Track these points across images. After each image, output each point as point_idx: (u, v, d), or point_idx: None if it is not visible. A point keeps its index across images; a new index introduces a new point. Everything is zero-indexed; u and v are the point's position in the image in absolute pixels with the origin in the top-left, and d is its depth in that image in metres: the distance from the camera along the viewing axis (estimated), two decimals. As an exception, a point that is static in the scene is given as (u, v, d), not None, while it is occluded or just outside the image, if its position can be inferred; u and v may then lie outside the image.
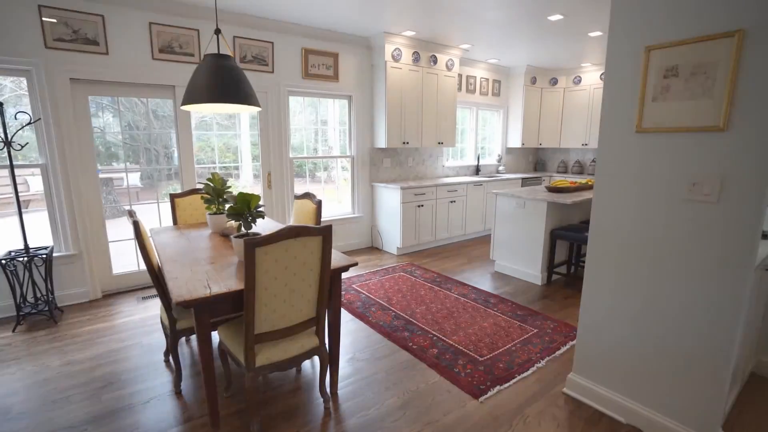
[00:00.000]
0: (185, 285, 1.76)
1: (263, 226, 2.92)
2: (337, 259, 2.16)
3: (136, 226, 2.03)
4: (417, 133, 5.32)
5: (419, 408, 2.16)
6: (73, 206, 3.41)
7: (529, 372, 2.51)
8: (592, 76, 6.57)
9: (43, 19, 3.08)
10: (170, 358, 2.55)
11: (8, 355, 2.66)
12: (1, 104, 2.94)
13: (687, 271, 1.73)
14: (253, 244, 1.59)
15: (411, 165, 5.76)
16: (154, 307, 3.44)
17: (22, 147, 3.11)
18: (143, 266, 3.88)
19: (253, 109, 2.50)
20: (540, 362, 2.62)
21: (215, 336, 2.71)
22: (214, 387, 1.86)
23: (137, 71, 3.53)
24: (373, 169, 5.35)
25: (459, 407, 2.17)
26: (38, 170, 3.32)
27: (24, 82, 3.18)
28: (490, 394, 2.28)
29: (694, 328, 1.74)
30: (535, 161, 7.89)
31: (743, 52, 1.49)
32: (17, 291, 3.06)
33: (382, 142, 5.09)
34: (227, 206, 2.22)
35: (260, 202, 2.12)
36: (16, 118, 3.10)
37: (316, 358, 2.60)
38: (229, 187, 2.72)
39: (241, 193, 1.98)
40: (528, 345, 2.84)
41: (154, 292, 3.78)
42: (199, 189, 3.18)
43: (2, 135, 2.95)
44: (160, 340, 2.87)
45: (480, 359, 2.64)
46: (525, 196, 4.05)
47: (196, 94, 2.18)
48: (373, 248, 5.45)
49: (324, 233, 1.82)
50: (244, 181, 4.76)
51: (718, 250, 1.63)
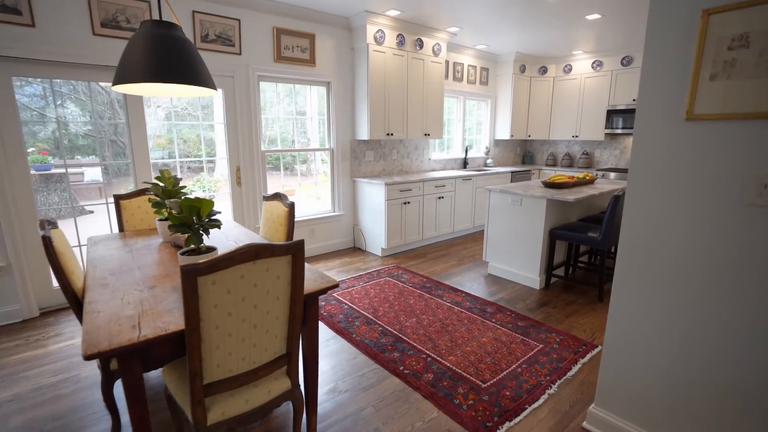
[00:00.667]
0: (106, 325, 1.31)
1: (228, 235, 2.47)
2: (312, 279, 1.74)
3: (47, 243, 1.55)
4: (402, 123, 4.90)
5: (416, 456, 1.78)
6: (-2, 210, 2.87)
7: (541, 401, 2.16)
8: (583, 65, 6.28)
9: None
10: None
11: None
12: None
13: (749, 290, 1.39)
14: (193, 271, 1.16)
15: (395, 158, 5.35)
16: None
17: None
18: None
19: (205, 92, 2.04)
20: (551, 387, 2.28)
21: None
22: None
23: (75, 49, 2.98)
24: (354, 162, 4.91)
25: (464, 453, 1.80)
26: (-48, 167, 2.76)
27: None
28: (498, 433, 1.92)
29: (761, 362, 1.40)
30: (523, 154, 7.60)
31: None
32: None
33: (364, 134, 4.65)
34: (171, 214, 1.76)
35: (214, 209, 1.67)
36: None
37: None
38: (183, 187, 2.25)
39: (186, 199, 1.53)
40: (534, 365, 2.49)
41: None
42: (148, 189, 2.69)
43: None
44: (102, 370, 2.40)
45: (483, 386, 2.27)
46: (522, 193, 3.70)
47: (129, 70, 1.70)
48: (356, 249, 5.03)
49: (293, 251, 1.40)
50: (219, 176, 4.26)
51: (796, 268, 1.29)
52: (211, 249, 1.72)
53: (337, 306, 3.32)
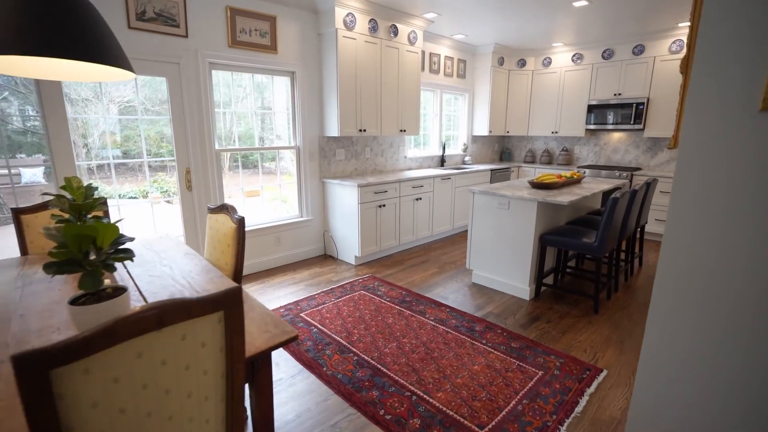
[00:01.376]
0: None
1: (169, 261, 1.97)
2: (263, 328, 1.29)
3: None
4: (375, 118, 4.47)
5: None
6: None
7: (551, 452, 1.80)
8: (563, 58, 6.03)
9: None
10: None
11: None
12: None
13: None
14: (38, 362, 0.69)
15: (369, 157, 4.92)
16: None
17: None
18: None
19: (114, 75, 1.54)
20: (560, 429, 1.93)
21: None
22: None
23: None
24: (323, 162, 4.44)
25: None
26: None
27: None
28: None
29: None
30: (500, 150, 7.33)
31: None
32: None
33: (333, 130, 4.19)
34: (51, 249, 1.27)
35: (121, 235, 1.20)
36: None
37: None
38: (98, 200, 1.73)
39: (68, 226, 1.05)
40: (537, 399, 2.14)
41: None
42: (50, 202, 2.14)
43: None
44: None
45: (480, 433, 1.90)
46: (510, 195, 3.36)
47: (-7, 40, 1.19)
48: (327, 257, 4.58)
49: (226, 305, 0.95)
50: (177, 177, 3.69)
51: None
52: (120, 291, 1.24)
53: (305, 330, 2.87)
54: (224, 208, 1.92)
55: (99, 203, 1.63)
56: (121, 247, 1.21)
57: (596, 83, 5.74)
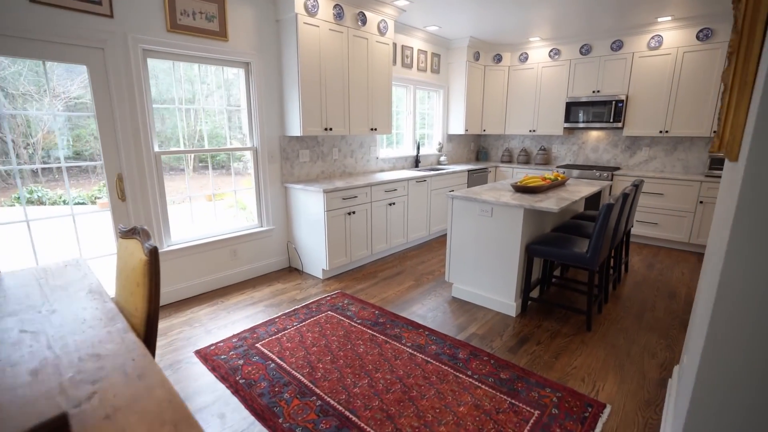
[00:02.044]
0: None
1: (60, 305, 1.48)
2: None
3: None
4: (343, 116, 4.04)
5: None
6: None
7: None
8: (539, 53, 5.78)
9: None
10: None
11: None
12: None
13: None
14: None
15: (336, 158, 4.48)
16: None
17: None
18: None
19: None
20: (567, 496, 1.58)
21: None
22: None
23: None
24: (286, 165, 3.98)
25: None
26: None
27: None
28: None
29: None
30: (477, 150, 7.04)
31: None
32: None
33: (296, 129, 3.73)
34: None
35: None
36: None
37: None
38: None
39: None
40: (536, 452, 1.78)
41: None
42: None
43: None
44: None
45: (472, 508, 1.52)
46: (493, 201, 3.01)
47: None
48: (292, 270, 4.12)
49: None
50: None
51: None
52: None
53: (261, 366, 2.42)
54: (134, 232, 1.45)
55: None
56: None
57: (574, 80, 5.51)
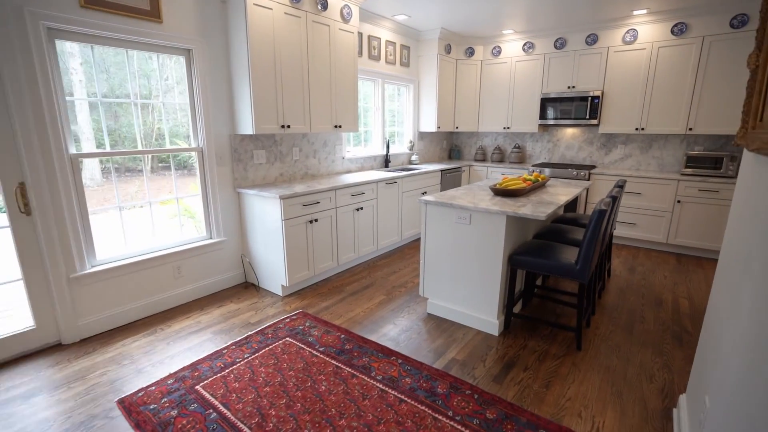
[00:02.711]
0: None
1: None
2: None
3: None
4: (302, 112, 3.60)
5: None
6: None
7: None
8: (513, 47, 5.52)
9: None
10: None
11: None
12: None
13: None
14: None
15: (298, 158, 4.04)
16: None
17: None
18: None
19: None
20: None
21: None
22: None
23: None
24: (238, 167, 3.50)
25: None
26: None
27: None
28: None
29: None
30: (449, 148, 6.74)
31: None
32: None
33: (248, 126, 3.27)
34: None
35: None
36: None
37: None
38: None
39: None
40: None
41: None
42: None
43: None
44: None
45: None
46: (471, 207, 2.67)
47: None
48: (249, 286, 3.65)
49: None
50: None
51: None
52: None
53: (199, 417, 1.97)
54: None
55: None
56: None
57: (549, 75, 5.29)
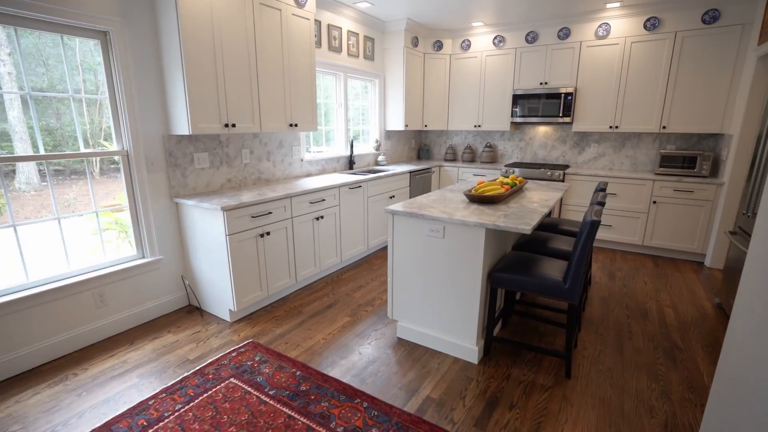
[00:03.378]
0: None
1: None
2: None
3: None
4: (251, 109, 3.14)
5: None
6: None
7: None
8: (483, 41, 5.24)
9: None
10: None
11: None
12: None
13: None
14: None
15: (248, 162, 3.56)
16: None
17: None
18: None
19: None
20: None
21: None
22: None
23: None
24: (175, 173, 3.00)
25: None
26: None
27: None
28: None
29: None
30: (418, 147, 6.40)
31: None
32: None
33: (183, 126, 2.77)
34: None
35: None
36: None
37: None
38: None
39: None
40: None
41: None
42: None
43: None
44: None
45: None
46: (445, 219, 2.32)
47: None
48: (192, 309, 3.15)
49: None
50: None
51: None
52: None
53: (101, 507, 1.50)
54: None
55: None
56: None
57: (521, 70, 5.04)
